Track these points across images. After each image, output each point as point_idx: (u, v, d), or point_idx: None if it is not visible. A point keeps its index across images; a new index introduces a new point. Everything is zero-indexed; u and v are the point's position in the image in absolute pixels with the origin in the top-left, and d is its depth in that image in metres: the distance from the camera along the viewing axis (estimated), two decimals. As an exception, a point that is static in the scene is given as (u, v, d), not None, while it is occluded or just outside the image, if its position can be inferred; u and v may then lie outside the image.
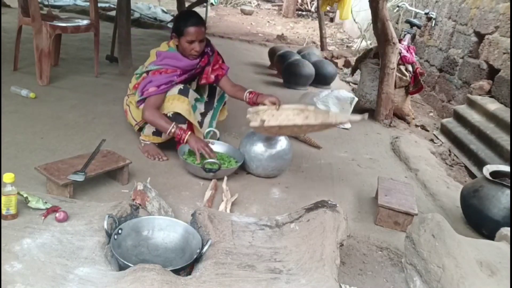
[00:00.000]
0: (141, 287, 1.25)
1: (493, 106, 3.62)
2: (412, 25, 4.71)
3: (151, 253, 1.61)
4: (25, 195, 1.62)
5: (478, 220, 2.31)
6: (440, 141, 3.96)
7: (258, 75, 5.26)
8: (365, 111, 4.16)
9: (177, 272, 1.43)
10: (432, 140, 3.98)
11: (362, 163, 3.06)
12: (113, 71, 4.15)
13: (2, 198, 1.51)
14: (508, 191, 2.21)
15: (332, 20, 11.54)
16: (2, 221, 1.51)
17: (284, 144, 2.60)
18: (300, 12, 12.42)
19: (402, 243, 1.89)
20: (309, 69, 4.83)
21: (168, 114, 2.44)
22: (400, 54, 4.05)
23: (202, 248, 1.53)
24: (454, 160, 3.57)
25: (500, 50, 3.83)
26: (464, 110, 3.95)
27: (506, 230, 1.83)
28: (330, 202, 1.80)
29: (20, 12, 3.52)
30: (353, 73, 5.08)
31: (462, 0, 4.68)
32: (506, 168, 2.45)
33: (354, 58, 5.81)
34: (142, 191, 2.03)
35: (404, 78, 4.10)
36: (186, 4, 6.83)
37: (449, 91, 4.70)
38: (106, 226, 1.53)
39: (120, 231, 1.57)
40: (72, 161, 2.09)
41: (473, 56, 4.31)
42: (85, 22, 3.85)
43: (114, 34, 4.41)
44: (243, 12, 11.62)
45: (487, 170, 2.37)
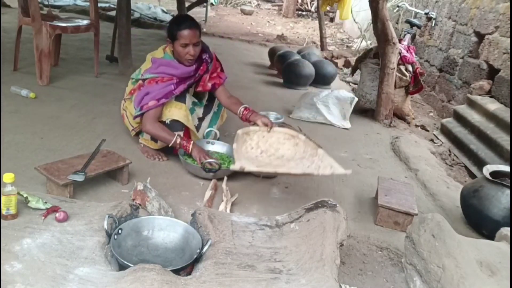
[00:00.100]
0: (141, 287, 1.25)
1: (493, 106, 3.62)
2: (412, 25, 4.71)
3: (151, 253, 1.61)
4: (25, 195, 1.62)
5: (478, 220, 2.31)
6: (440, 141, 3.96)
7: (258, 75, 5.26)
8: (365, 111, 4.21)
9: (177, 272, 1.43)
10: (432, 140, 3.98)
11: (362, 163, 3.06)
12: (113, 71, 4.15)
13: (2, 198, 1.51)
14: (508, 191, 2.21)
15: (332, 20, 11.53)
16: (2, 221, 1.51)
17: (284, 144, 2.60)
18: (300, 12, 12.42)
19: (402, 243, 1.89)
20: (309, 69, 4.83)
21: (166, 121, 2.44)
22: (400, 54, 4.05)
23: (202, 248, 1.53)
24: (454, 160, 3.57)
25: (500, 50, 3.83)
26: (464, 110, 3.95)
27: (506, 230, 1.83)
28: (330, 202, 1.79)
29: (20, 12, 3.52)
30: (353, 73, 5.07)
31: (462, 0, 4.68)
32: (506, 168, 2.45)
33: (354, 58, 5.81)
34: (142, 191, 2.03)
35: (404, 78, 4.10)
36: (186, 4, 6.83)
37: (449, 91, 4.70)
38: (106, 226, 1.53)
39: (120, 231, 1.57)
40: (72, 161, 2.09)
41: (473, 56, 4.31)
42: (85, 22, 3.85)
43: (114, 34, 4.41)
44: (243, 12, 11.62)
45: (487, 170, 2.37)
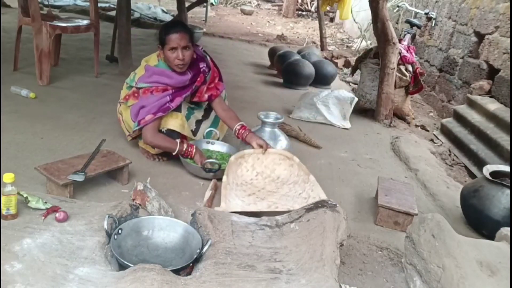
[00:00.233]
0: (141, 287, 1.25)
1: (493, 106, 3.62)
2: (412, 25, 4.71)
3: (151, 253, 1.61)
4: (25, 195, 1.62)
5: (478, 220, 2.31)
6: (440, 141, 3.96)
7: (258, 75, 5.26)
8: (365, 111, 4.21)
9: (177, 272, 1.43)
10: (432, 140, 3.98)
11: (362, 163, 3.06)
12: (113, 71, 4.15)
13: (2, 198, 1.51)
14: (508, 191, 2.21)
15: (332, 20, 11.53)
16: (2, 221, 1.51)
17: (284, 144, 2.61)
18: (300, 12, 12.42)
19: (402, 243, 1.89)
20: (309, 69, 4.83)
21: (162, 130, 2.42)
22: (400, 54, 4.05)
23: (202, 248, 1.53)
24: (454, 160, 3.57)
25: (500, 50, 3.83)
26: (464, 110, 3.95)
27: (506, 230, 1.83)
28: (330, 202, 1.79)
29: (20, 12, 3.52)
30: (353, 73, 5.07)
31: (462, 0, 4.68)
32: (506, 168, 2.45)
33: (354, 58, 5.81)
34: (142, 191, 2.03)
35: (404, 78, 4.10)
36: (186, 4, 6.83)
37: (449, 91, 4.70)
38: (106, 226, 1.53)
39: (120, 231, 1.57)
40: (72, 161, 2.09)
41: (473, 56, 4.31)
42: (85, 22, 3.85)
43: (114, 34, 4.41)
44: (243, 12, 11.62)
45: (487, 170, 2.37)
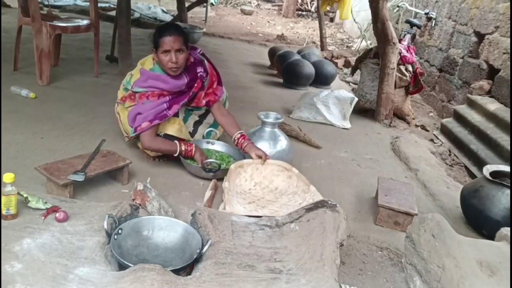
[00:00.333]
0: (141, 287, 1.25)
1: (493, 106, 3.62)
2: (412, 25, 4.71)
3: (151, 253, 1.61)
4: (25, 195, 1.62)
5: (478, 220, 2.31)
6: (440, 141, 3.96)
7: (258, 75, 5.26)
8: (365, 111, 4.21)
9: (177, 272, 1.43)
10: (432, 140, 3.98)
11: (362, 163, 3.06)
12: (113, 71, 4.15)
13: (2, 198, 1.51)
14: (508, 191, 2.21)
15: (332, 20, 11.53)
16: (2, 221, 1.51)
17: (284, 144, 2.61)
18: (300, 12, 12.41)
19: (402, 243, 1.89)
20: (309, 69, 4.83)
21: (160, 134, 2.42)
22: (400, 54, 4.05)
23: (202, 248, 1.53)
24: (454, 160, 3.57)
25: (500, 50, 3.83)
26: (464, 110, 3.95)
27: (506, 230, 1.83)
28: (330, 202, 1.80)
29: (20, 12, 3.52)
30: (353, 73, 5.07)
31: (462, 0, 4.68)
32: (506, 168, 2.45)
33: (354, 58, 5.81)
34: (142, 191, 2.03)
35: (404, 78, 4.10)
36: (186, 4, 6.83)
37: (449, 91, 4.70)
38: (106, 226, 1.53)
39: (120, 231, 1.57)
40: (72, 161, 2.09)
41: (473, 56, 4.31)
42: (85, 22, 3.85)
43: (114, 34, 4.40)
44: (243, 12, 11.62)
45: (487, 170, 2.37)
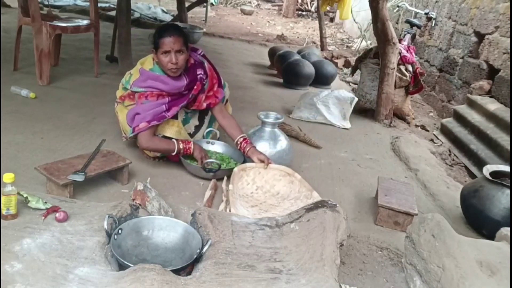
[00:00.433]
0: (141, 287, 1.25)
1: (493, 106, 3.62)
2: (412, 25, 4.71)
3: (151, 253, 1.61)
4: (25, 195, 1.62)
5: (478, 220, 2.31)
6: (440, 141, 3.96)
7: (258, 75, 5.26)
8: (365, 111, 4.21)
9: (177, 272, 1.43)
10: (432, 140, 3.98)
11: (362, 163, 3.06)
12: (113, 71, 4.15)
13: (2, 198, 1.51)
14: (508, 191, 2.21)
15: (332, 20, 11.53)
16: (2, 221, 1.51)
17: (284, 144, 2.61)
18: (300, 12, 12.41)
19: (402, 243, 1.89)
20: (309, 69, 4.83)
21: (158, 135, 2.41)
22: (400, 54, 4.05)
23: (202, 248, 1.53)
24: (454, 160, 3.57)
25: (500, 50, 3.83)
26: (464, 110, 3.95)
27: (506, 230, 1.83)
28: (330, 202, 1.79)
29: (20, 12, 3.52)
30: (353, 73, 5.07)
31: (462, 0, 4.68)
32: (506, 168, 2.45)
33: (354, 58, 5.81)
34: (142, 191, 2.03)
35: (404, 78, 4.10)
36: (186, 4, 6.83)
37: (449, 91, 4.70)
38: (106, 226, 1.53)
39: (120, 231, 1.57)
40: (72, 161, 2.09)
41: (473, 56, 4.31)
42: (85, 22, 3.85)
43: (114, 34, 4.40)
44: (243, 12, 11.62)
45: (487, 170, 2.37)
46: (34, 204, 1.62)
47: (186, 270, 1.50)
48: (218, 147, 2.66)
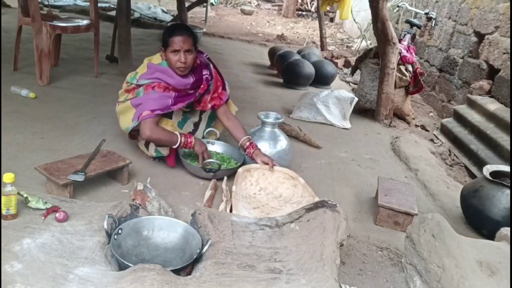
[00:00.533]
0: (141, 287, 1.25)
1: (493, 106, 3.62)
2: (412, 25, 4.71)
3: (151, 253, 1.61)
4: (25, 195, 1.62)
5: (478, 220, 2.31)
6: (440, 141, 3.96)
7: (258, 75, 5.26)
8: (365, 111, 4.21)
9: (177, 272, 1.43)
10: (432, 140, 3.98)
11: (362, 163, 3.06)
12: (113, 71, 4.15)
13: (2, 198, 1.51)
14: (508, 191, 2.20)
15: (332, 20, 11.54)
16: (2, 221, 1.51)
17: (284, 144, 2.61)
18: (300, 12, 12.42)
19: (402, 243, 1.89)
20: (309, 69, 4.83)
21: None
22: (400, 54, 4.05)
23: (202, 248, 1.53)
24: (454, 160, 3.57)
25: (500, 50, 3.83)
26: (464, 110, 3.95)
27: (506, 230, 1.83)
28: (330, 202, 1.79)
29: (20, 12, 3.52)
30: (353, 73, 5.08)
31: (462, 0, 4.68)
32: (506, 168, 2.45)
33: (354, 58, 5.81)
34: (142, 191, 2.03)
35: (404, 78, 4.10)
36: (186, 4, 6.83)
37: (449, 91, 4.70)
38: (106, 226, 1.53)
39: (120, 231, 1.57)
40: (72, 161, 2.09)
41: (473, 56, 4.31)
42: (85, 22, 3.85)
43: (114, 34, 4.41)
44: (243, 12, 11.62)
45: (487, 170, 2.37)
46: (34, 204, 1.62)
47: (186, 270, 1.50)
48: (218, 147, 2.66)
